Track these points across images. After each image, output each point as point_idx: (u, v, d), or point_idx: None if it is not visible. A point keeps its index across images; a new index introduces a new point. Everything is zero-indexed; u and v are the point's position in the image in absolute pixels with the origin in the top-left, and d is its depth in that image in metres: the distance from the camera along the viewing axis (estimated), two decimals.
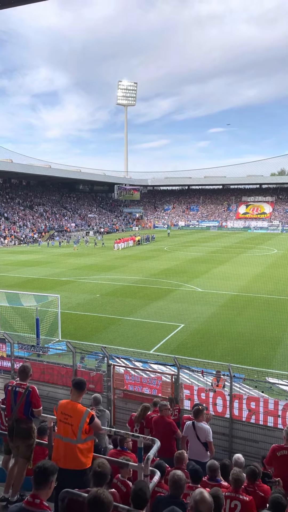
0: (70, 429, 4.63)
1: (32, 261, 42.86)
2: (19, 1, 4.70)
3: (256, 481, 5.47)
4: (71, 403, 4.83)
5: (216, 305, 23.56)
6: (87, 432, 4.65)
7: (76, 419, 4.65)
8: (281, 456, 5.53)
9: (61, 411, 4.80)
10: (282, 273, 32.26)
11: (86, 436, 4.65)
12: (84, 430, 4.62)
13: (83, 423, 4.62)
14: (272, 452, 5.65)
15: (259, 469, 5.76)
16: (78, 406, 4.79)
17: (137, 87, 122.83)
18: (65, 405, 4.84)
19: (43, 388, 10.65)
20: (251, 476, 5.37)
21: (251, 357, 15.36)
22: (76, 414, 4.69)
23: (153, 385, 10.04)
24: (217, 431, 8.50)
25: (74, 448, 4.57)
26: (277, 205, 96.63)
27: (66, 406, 4.82)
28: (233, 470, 5.20)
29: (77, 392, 4.91)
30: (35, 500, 3.20)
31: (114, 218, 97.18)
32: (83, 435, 4.61)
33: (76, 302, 24.24)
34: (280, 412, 8.58)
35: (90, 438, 4.72)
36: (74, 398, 4.87)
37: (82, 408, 4.78)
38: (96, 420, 4.77)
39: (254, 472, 5.42)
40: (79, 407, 4.77)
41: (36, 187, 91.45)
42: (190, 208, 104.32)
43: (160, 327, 19.40)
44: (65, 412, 4.76)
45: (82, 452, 4.60)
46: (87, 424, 4.63)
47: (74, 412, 4.72)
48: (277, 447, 5.64)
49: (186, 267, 37.47)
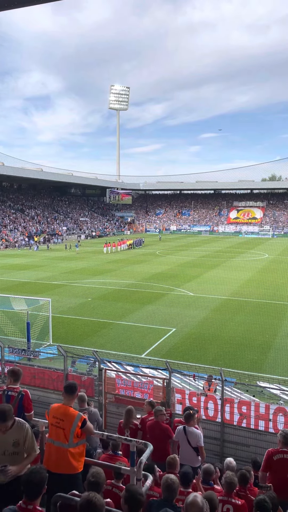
0: (62, 433, 4.60)
1: (23, 264, 42.61)
2: (12, 4, 4.70)
3: (247, 485, 5.49)
4: (63, 407, 4.80)
5: (208, 309, 23.62)
6: (79, 436, 4.62)
7: (68, 423, 4.62)
8: (278, 460, 5.49)
9: (53, 415, 4.77)
10: (272, 278, 32.49)
11: (78, 440, 4.62)
12: (76, 434, 4.59)
13: (75, 427, 4.59)
14: (268, 457, 5.58)
15: (250, 473, 5.77)
16: (70, 410, 4.77)
17: (129, 91, 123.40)
18: (57, 409, 4.81)
19: (34, 393, 10.55)
20: (242, 480, 5.38)
21: (242, 361, 15.42)
22: (68, 418, 4.67)
23: (144, 389, 10.02)
24: (209, 435, 8.50)
25: (65, 452, 4.54)
26: (268, 210, 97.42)
27: (58, 410, 4.79)
28: (226, 474, 5.18)
29: (69, 396, 4.88)
30: (28, 506, 3.18)
31: (106, 222, 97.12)
32: (75, 439, 4.59)
33: (67, 306, 24.12)
34: (271, 416, 8.61)
35: (82, 442, 4.69)
36: (66, 402, 4.85)
37: (74, 412, 4.75)
38: (88, 424, 4.75)
39: (245, 476, 5.43)
40: (71, 411, 4.74)
41: (28, 190, 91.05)
42: (181, 213, 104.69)
43: (151, 331, 19.38)
44: (56, 416, 4.73)
45: (74, 456, 4.57)
46: (79, 428, 4.60)
47: (66, 416, 4.69)
48: (273, 451, 5.59)
49: (177, 271, 37.54)
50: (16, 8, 4.81)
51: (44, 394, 10.47)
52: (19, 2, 4.58)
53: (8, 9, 4.77)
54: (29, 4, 4.76)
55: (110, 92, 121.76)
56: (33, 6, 4.78)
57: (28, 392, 5.26)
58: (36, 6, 4.79)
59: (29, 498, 3.22)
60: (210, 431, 8.71)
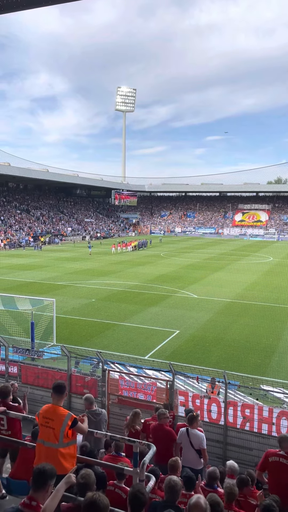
0: (52, 432, 4.58)
1: (28, 264, 42.74)
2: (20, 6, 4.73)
3: (248, 488, 5.49)
4: (53, 407, 4.79)
5: (212, 311, 23.57)
6: (69, 436, 4.60)
7: (57, 422, 4.60)
8: (272, 462, 5.56)
9: (42, 415, 4.76)
10: (277, 281, 32.36)
11: (69, 440, 4.60)
12: (66, 433, 4.56)
13: (65, 427, 4.56)
14: (264, 457, 5.68)
15: (252, 476, 5.76)
16: (59, 409, 4.75)
17: (136, 93, 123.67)
18: (46, 409, 4.81)
19: (37, 393, 10.59)
20: (241, 484, 5.42)
21: (246, 364, 15.36)
22: (57, 417, 4.65)
23: (148, 391, 10.00)
24: (211, 438, 8.47)
25: (56, 452, 4.51)
26: (273, 213, 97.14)
27: (48, 410, 4.79)
28: (226, 484, 5.17)
29: (57, 395, 4.87)
30: (32, 502, 3.17)
31: (111, 223, 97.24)
32: (65, 439, 4.56)
33: (71, 306, 24.16)
34: (275, 419, 8.56)
35: (72, 443, 4.67)
36: (55, 402, 4.83)
37: (64, 411, 4.74)
38: (79, 424, 4.72)
39: (243, 481, 5.48)
40: (61, 411, 4.73)
41: (33, 190, 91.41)
42: (186, 215, 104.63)
43: (155, 333, 19.36)
44: (46, 416, 4.72)
45: (64, 456, 4.54)
46: (68, 427, 4.58)
47: (55, 415, 4.68)
48: (270, 453, 5.65)
49: (182, 273, 37.49)
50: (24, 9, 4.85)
51: (47, 394, 10.47)
52: (26, 4, 4.61)
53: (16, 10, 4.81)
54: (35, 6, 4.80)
55: (117, 94, 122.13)
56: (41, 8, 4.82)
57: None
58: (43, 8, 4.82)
59: (36, 486, 3.23)
60: (213, 433, 8.68)
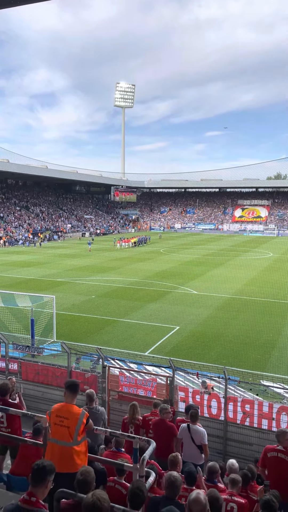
0: (66, 431, 4.59)
1: (28, 261, 42.73)
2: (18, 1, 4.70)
3: (250, 484, 5.52)
4: (66, 405, 4.79)
5: (212, 307, 23.59)
6: (83, 433, 4.64)
7: (72, 421, 4.62)
8: (271, 457, 5.62)
9: (56, 414, 4.74)
10: (277, 277, 32.37)
11: (81, 437, 4.64)
12: (81, 431, 4.61)
13: (80, 425, 4.60)
14: (264, 453, 5.74)
15: (253, 472, 5.79)
16: (73, 407, 4.77)
17: (135, 89, 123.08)
18: (59, 408, 4.79)
19: (37, 389, 10.62)
20: (244, 479, 5.43)
21: (246, 360, 15.39)
22: (72, 415, 4.66)
23: (148, 386, 10.03)
24: (212, 433, 8.49)
25: (70, 450, 4.54)
26: (273, 208, 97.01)
27: (61, 409, 4.77)
28: (231, 475, 5.26)
29: (71, 394, 4.88)
30: (31, 498, 3.18)
31: (110, 220, 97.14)
32: (79, 436, 4.60)
33: (71, 303, 24.18)
34: (275, 415, 8.59)
35: (84, 439, 4.71)
36: (69, 400, 4.84)
37: (78, 409, 4.77)
38: (90, 420, 4.82)
39: (246, 476, 5.51)
40: (75, 409, 4.75)
41: (33, 187, 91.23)
42: (186, 211, 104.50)
43: (155, 329, 19.39)
44: (60, 414, 4.70)
45: (78, 454, 4.57)
46: (84, 425, 4.63)
47: (70, 414, 4.68)
48: (269, 449, 5.71)
49: (182, 269, 37.50)
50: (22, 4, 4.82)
51: (47, 390, 10.52)
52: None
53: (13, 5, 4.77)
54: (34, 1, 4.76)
55: (116, 90, 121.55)
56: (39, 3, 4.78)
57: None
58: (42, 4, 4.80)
59: (35, 482, 3.24)
60: (213, 429, 8.71)
